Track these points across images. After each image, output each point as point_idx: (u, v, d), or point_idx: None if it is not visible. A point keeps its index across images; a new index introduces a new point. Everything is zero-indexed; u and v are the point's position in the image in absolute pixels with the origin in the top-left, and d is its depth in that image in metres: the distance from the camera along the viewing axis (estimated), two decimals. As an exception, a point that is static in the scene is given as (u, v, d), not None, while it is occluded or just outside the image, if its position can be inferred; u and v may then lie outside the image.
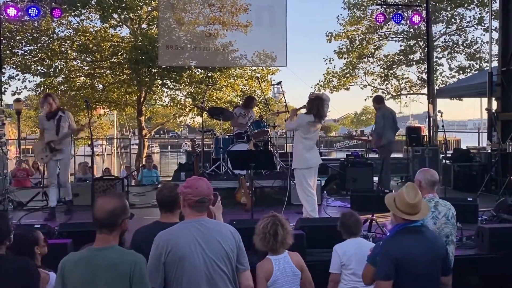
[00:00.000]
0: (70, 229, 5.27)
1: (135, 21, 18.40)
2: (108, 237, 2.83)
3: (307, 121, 6.61)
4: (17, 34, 17.14)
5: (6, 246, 3.21)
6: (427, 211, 3.58)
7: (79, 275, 2.73)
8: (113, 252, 2.81)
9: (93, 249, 2.83)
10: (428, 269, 3.34)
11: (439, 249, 3.44)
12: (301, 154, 6.73)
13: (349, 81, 22.64)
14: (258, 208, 6.91)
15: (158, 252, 3.00)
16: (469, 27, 20.60)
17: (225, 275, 3.04)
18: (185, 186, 3.16)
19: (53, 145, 7.47)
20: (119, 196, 2.99)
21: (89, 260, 2.76)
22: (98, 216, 2.82)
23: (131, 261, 2.77)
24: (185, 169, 9.50)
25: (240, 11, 14.20)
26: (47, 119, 7.52)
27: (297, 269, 3.70)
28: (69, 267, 2.77)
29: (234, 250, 3.10)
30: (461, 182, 10.03)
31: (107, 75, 18.98)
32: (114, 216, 2.83)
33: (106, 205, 2.84)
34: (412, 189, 3.46)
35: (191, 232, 3.05)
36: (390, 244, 3.39)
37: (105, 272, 2.73)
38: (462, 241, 5.64)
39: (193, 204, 3.10)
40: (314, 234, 5.36)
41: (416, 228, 3.43)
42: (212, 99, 18.62)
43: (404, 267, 3.26)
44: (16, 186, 10.80)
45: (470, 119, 68.57)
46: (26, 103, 24.72)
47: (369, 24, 20.92)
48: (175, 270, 2.98)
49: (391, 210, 3.46)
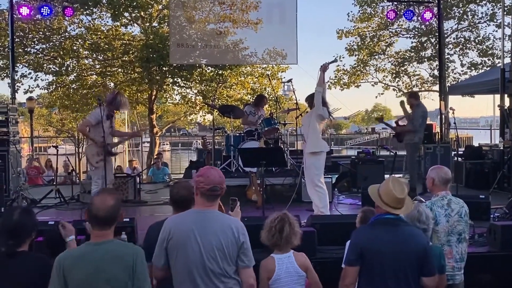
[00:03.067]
0: (84, 226, 5.30)
1: (146, 19, 18.44)
2: (107, 232, 2.90)
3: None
4: (29, 33, 17.26)
5: (29, 243, 3.22)
6: (411, 207, 3.59)
7: (82, 270, 2.77)
8: (113, 245, 2.88)
9: (93, 243, 2.88)
10: (395, 264, 3.29)
11: (412, 245, 3.34)
12: (319, 138, 6.87)
13: (359, 78, 22.54)
14: (269, 206, 6.94)
15: (163, 237, 3.17)
16: (481, 23, 20.39)
17: (219, 268, 3.09)
18: (197, 175, 3.24)
19: (109, 148, 7.01)
20: (113, 191, 3.07)
21: (90, 255, 2.81)
22: (101, 214, 2.87)
23: (132, 252, 2.86)
24: (196, 166, 9.53)
25: (250, 9, 14.22)
26: (106, 118, 6.95)
27: (301, 270, 3.69)
28: (68, 263, 2.80)
29: (234, 246, 3.13)
30: (473, 180, 9.96)
31: (119, 73, 19.06)
32: (115, 211, 2.91)
33: (107, 202, 2.91)
34: (398, 184, 3.47)
35: (193, 221, 3.14)
36: (358, 232, 3.51)
37: (108, 265, 2.78)
38: (474, 238, 5.62)
39: (205, 192, 3.16)
40: (325, 232, 5.37)
41: (390, 220, 3.41)
42: (223, 97, 18.64)
43: (367, 256, 3.31)
44: (28, 183, 10.91)
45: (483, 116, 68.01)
46: (38, 101, 24.88)
47: (380, 21, 20.81)
48: (175, 257, 3.12)
49: (376, 201, 3.48)
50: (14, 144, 8.55)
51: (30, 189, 9.15)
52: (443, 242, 4.07)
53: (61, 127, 25.61)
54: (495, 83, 11.33)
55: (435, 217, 4.03)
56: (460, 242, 4.15)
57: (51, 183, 11.35)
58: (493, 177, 9.51)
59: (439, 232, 4.06)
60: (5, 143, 8.34)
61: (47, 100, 21.67)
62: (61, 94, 19.10)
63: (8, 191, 8.13)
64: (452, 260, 4.07)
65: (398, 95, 22.73)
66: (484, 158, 10.48)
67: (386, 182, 3.50)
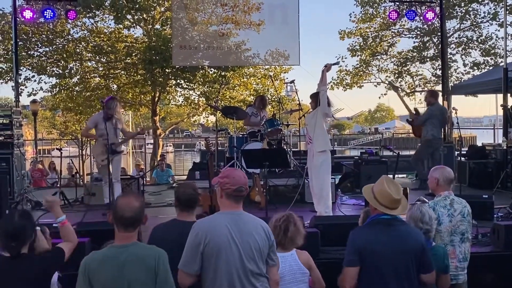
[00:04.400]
0: (88, 228, 5.34)
1: (148, 21, 18.51)
2: (131, 234, 2.94)
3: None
4: (32, 36, 17.33)
5: (29, 245, 3.29)
6: (407, 207, 3.61)
7: (106, 273, 2.81)
8: (137, 248, 2.92)
9: (117, 246, 2.93)
10: (395, 263, 3.32)
11: (410, 244, 3.38)
12: (326, 136, 6.96)
13: (362, 79, 22.53)
14: (272, 207, 6.95)
15: (197, 241, 3.06)
16: (483, 23, 20.34)
17: (257, 268, 3.11)
18: (221, 177, 3.22)
19: (114, 147, 7.61)
20: (136, 193, 3.10)
21: (114, 258, 2.85)
22: (127, 215, 2.91)
23: (155, 255, 2.89)
24: (199, 168, 9.55)
25: (252, 10, 14.23)
26: (104, 120, 7.60)
27: (304, 268, 3.70)
28: (94, 266, 2.84)
29: (266, 245, 3.16)
30: (477, 179, 9.93)
31: (122, 75, 19.12)
32: (140, 213, 2.96)
33: (133, 203, 2.95)
34: (393, 184, 3.49)
35: (227, 223, 3.10)
36: (356, 233, 3.51)
37: (132, 267, 2.82)
38: (477, 238, 5.60)
39: (231, 193, 3.15)
40: (328, 232, 5.37)
41: (386, 220, 3.43)
42: (226, 99, 18.66)
43: (366, 257, 3.34)
44: (32, 186, 10.95)
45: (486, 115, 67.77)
46: (42, 104, 24.98)
47: (382, 21, 20.80)
48: (213, 261, 3.05)
49: (371, 202, 3.50)
50: (18, 147, 8.58)
51: (34, 191, 9.19)
52: (446, 242, 4.08)
53: (65, 129, 25.65)
54: (498, 82, 11.30)
55: (438, 217, 4.04)
56: (463, 242, 4.15)
57: (55, 185, 11.39)
58: (496, 176, 9.47)
59: (442, 232, 4.07)
60: (9, 146, 8.39)
61: (51, 103, 21.76)
62: (64, 96, 19.16)
63: (12, 194, 8.17)
64: (455, 260, 4.08)
65: (401, 95, 22.74)
66: (488, 158, 10.45)
67: (380, 183, 3.51)
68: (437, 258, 3.65)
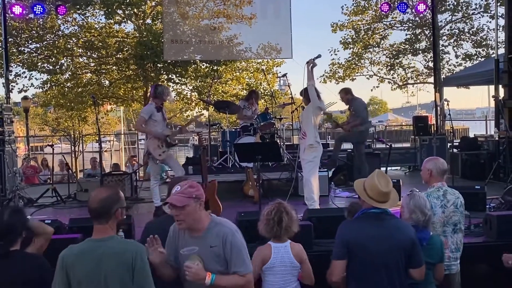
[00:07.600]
0: (80, 224, 5.31)
1: (139, 16, 18.41)
2: (105, 227, 2.88)
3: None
4: (22, 32, 17.22)
5: (21, 241, 3.25)
6: (397, 200, 3.60)
7: (83, 266, 2.78)
8: (114, 242, 2.87)
9: (94, 240, 2.88)
10: (384, 257, 3.32)
11: (399, 239, 3.37)
12: (317, 131, 6.90)
13: (354, 72, 22.53)
14: (265, 200, 6.90)
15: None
16: (475, 14, 20.41)
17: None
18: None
19: (169, 139, 7.21)
20: (113, 187, 3.04)
21: (91, 251, 2.82)
22: (92, 206, 2.87)
23: (133, 250, 2.85)
24: (192, 163, 9.53)
25: (244, 4, 14.17)
26: (157, 110, 7.13)
27: (295, 261, 3.67)
28: (70, 260, 2.81)
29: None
30: (469, 171, 9.99)
31: (113, 71, 19.04)
32: (107, 204, 2.87)
33: (99, 194, 2.90)
34: (383, 178, 3.48)
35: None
36: (344, 226, 3.52)
37: (109, 262, 2.78)
38: (470, 229, 5.64)
39: None
40: (322, 225, 5.39)
41: (376, 214, 3.43)
42: (218, 93, 18.63)
43: (355, 250, 3.35)
44: (24, 183, 10.90)
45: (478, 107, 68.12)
46: (33, 100, 24.80)
47: (374, 14, 20.80)
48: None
49: (360, 195, 3.50)
50: (10, 144, 8.52)
51: (26, 188, 9.14)
52: (439, 232, 4.09)
53: (57, 126, 25.55)
54: (489, 74, 11.35)
55: (431, 208, 4.05)
56: (456, 233, 4.17)
57: (47, 182, 11.34)
58: (489, 167, 9.54)
59: (435, 223, 4.07)
60: (0, 143, 8.33)
61: (42, 99, 21.61)
62: (56, 92, 19.06)
63: (4, 191, 8.13)
64: (448, 250, 4.10)
65: (393, 88, 22.76)
66: (480, 149, 10.50)
67: (371, 176, 3.50)
68: (436, 248, 3.67)
